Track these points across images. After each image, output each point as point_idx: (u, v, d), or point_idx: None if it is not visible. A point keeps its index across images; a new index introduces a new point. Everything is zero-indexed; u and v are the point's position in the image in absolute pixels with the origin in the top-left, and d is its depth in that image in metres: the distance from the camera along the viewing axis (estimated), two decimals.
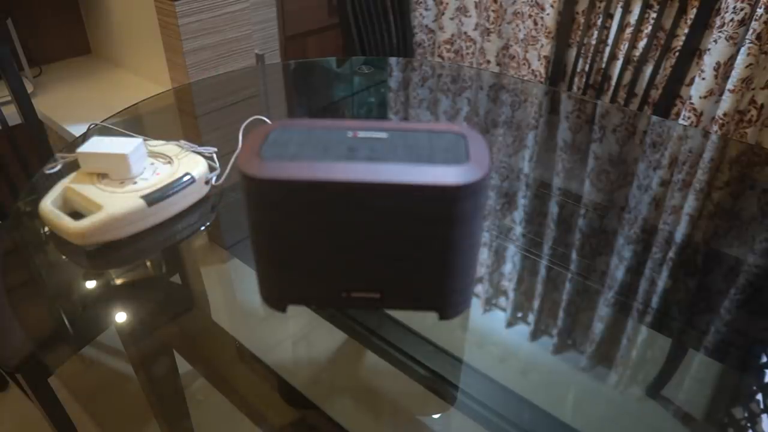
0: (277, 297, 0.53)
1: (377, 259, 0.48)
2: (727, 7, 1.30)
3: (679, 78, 1.44)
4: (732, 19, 1.29)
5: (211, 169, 0.82)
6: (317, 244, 0.48)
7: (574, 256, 0.76)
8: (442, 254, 0.47)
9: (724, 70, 1.35)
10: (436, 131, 0.48)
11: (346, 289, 0.51)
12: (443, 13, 1.86)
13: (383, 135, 0.47)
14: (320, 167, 0.44)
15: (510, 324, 0.67)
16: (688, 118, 1.42)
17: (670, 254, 0.76)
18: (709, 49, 1.35)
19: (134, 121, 1.08)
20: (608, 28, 1.53)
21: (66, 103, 1.69)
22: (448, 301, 0.51)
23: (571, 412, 0.57)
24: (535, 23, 1.66)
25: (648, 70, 1.47)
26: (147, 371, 0.62)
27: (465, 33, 1.87)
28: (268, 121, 0.89)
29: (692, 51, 1.41)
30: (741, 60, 1.29)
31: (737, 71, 1.30)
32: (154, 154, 0.81)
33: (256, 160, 0.44)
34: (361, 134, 0.47)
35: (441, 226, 0.46)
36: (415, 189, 0.43)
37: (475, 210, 0.46)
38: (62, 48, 1.98)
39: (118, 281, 0.73)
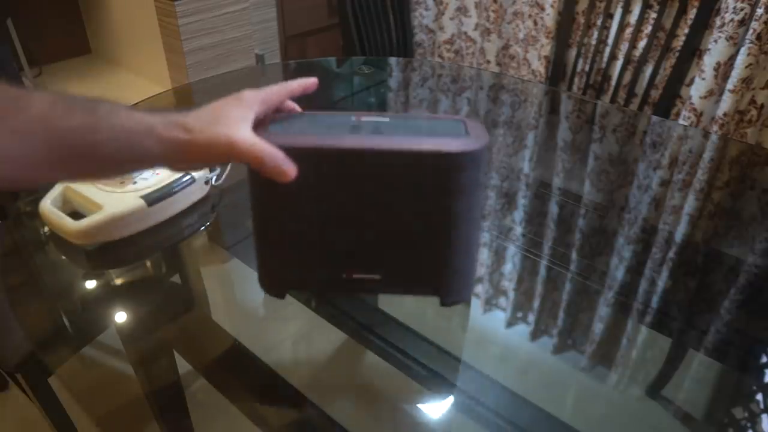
0: (276, 282, 0.53)
1: (378, 237, 0.49)
2: (727, 7, 1.30)
3: (679, 78, 1.44)
4: (732, 19, 1.29)
5: (211, 169, 0.82)
6: (319, 219, 0.48)
7: (574, 256, 0.76)
8: (442, 229, 0.48)
9: (724, 70, 1.34)
10: (437, 118, 0.51)
11: (347, 270, 0.50)
12: (443, 13, 1.86)
13: (386, 119, 0.49)
14: (325, 137, 0.46)
15: (510, 324, 0.67)
16: (688, 118, 1.42)
17: (670, 254, 0.76)
18: (709, 49, 1.35)
19: None
20: (608, 28, 1.53)
21: None
22: (449, 283, 0.51)
23: (571, 412, 0.57)
24: (535, 23, 1.66)
25: (648, 70, 1.47)
26: (147, 371, 0.62)
27: (465, 33, 1.87)
28: None
29: (692, 51, 1.41)
30: (741, 60, 1.29)
31: (737, 71, 1.30)
32: None
33: (264, 133, 0.45)
34: (365, 118, 0.49)
35: (442, 197, 0.46)
36: (418, 156, 0.44)
37: (475, 181, 0.47)
38: (62, 48, 1.99)
39: (118, 281, 0.73)
